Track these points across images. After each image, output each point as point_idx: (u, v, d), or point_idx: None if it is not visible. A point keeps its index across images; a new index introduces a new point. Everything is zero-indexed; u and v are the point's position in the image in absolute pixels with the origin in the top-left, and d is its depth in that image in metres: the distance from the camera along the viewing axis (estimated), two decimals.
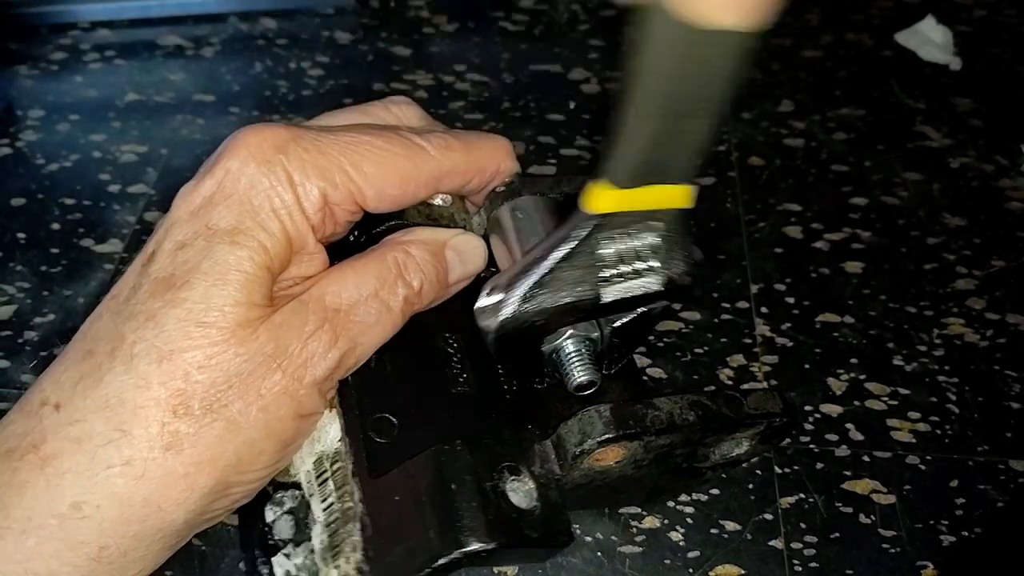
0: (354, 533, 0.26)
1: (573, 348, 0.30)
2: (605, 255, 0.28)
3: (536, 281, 0.27)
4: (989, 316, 0.51)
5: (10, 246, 0.53)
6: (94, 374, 0.25)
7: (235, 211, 0.26)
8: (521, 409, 0.30)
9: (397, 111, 0.32)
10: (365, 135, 0.28)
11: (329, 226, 0.28)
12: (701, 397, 0.30)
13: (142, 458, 0.24)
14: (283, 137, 0.27)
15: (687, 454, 0.32)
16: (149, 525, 0.25)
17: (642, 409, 0.29)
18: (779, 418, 0.31)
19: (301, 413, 0.26)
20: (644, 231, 0.28)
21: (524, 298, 0.27)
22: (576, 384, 0.30)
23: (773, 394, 0.31)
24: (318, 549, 0.27)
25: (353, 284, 0.27)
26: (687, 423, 0.29)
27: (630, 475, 0.31)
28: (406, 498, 0.26)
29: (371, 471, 0.27)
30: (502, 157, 0.32)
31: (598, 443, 0.28)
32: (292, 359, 0.26)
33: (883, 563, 0.40)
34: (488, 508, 0.26)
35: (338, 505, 0.27)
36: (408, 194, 0.29)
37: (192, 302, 0.25)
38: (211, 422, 0.25)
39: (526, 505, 0.27)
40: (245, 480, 0.26)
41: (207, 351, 0.25)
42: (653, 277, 0.29)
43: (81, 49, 0.68)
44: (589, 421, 0.28)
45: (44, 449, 0.24)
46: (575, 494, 0.31)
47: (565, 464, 0.29)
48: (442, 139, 0.30)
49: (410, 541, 0.25)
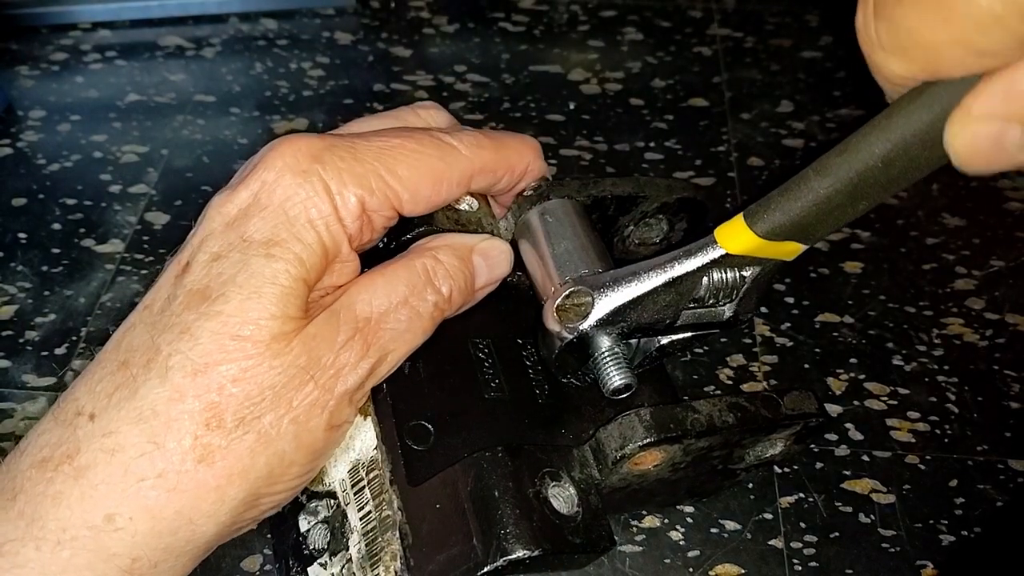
0: (393, 542, 0.26)
1: (609, 352, 0.30)
2: (705, 285, 0.28)
3: (634, 298, 0.27)
4: (988, 316, 0.51)
5: (11, 246, 0.54)
6: (129, 385, 0.25)
7: (271, 223, 0.26)
8: (554, 413, 0.30)
9: (426, 115, 0.32)
10: (397, 138, 0.28)
11: (367, 233, 0.28)
12: (739, 399, 0.30)
13: (175, 471, 0.24)
14: (318, 147, 0.27)
15: (724, 456, 0.32)
16: (180, 537, 0.25)
17: (681, 412, 0.29)
18: (815, 418, 0.31)
19: (332, 424, 0.26)
20: (747, 271, 0.28)
21: (616, 310, 0.27)
22: (613, 388, 0.29)
23: (809, 394, 0.31)
24: (356, 558, 0.27)
25: (383, 292, 0.27)
26: (726, 425, 0.29)
27: (667, 478, 0.31)
28: (447, 506, 0.26)
29: (409, 479, 0.27)
30: (531, 156, 0.32)
31: (639, 447, 0.28)
32: (324, 370, 0.26)
33: (883, 562, 0.41)
34: (532, 515, 0.26)
35: (376, 514, 0.27)
36: (442, 194, 0.29)
37: (227, 315, 0.25)
38: (243, 435, 0.25)
39: (568, 511, 0.27)
40: (275, 491, 0.26)
41: (242, 364, 0.25)
42: (724, 309, 0.29)
43: (82, 50, 0.68)
44: (629, 425, 0.28)
45: (78, 460, 0.24)
46: (611, 498, 0.31)
47: (604, 469, 0.28)
48: (472, 137, 0.30)
49: (452, 549, 0.25)
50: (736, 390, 0.47)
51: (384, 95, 0.64)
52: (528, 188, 0.33)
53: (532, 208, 0.32)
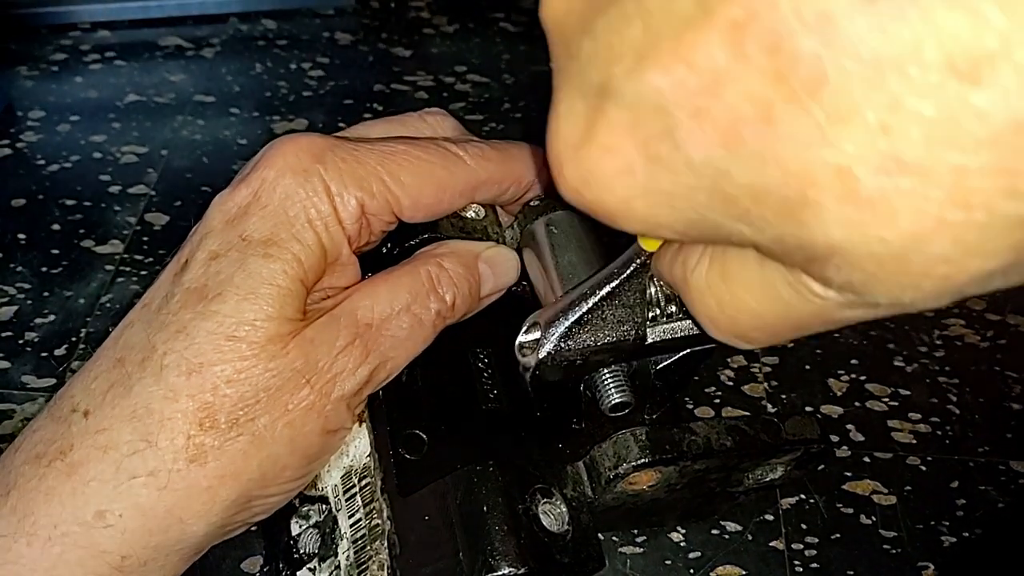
0: (381, 551, 0.26)
1: (608, 368, 0.29)
2: (653, 294, 0.27)
3: (577, 319, 0.27)
4: (989, 317, 0.51)
5: (10, 247, 0.53)
6: (124, 383, 0.25)
7: (270, 222, 0.26)
8: (552, 427, 0.30)
9: (433, 122, 0.32)
10: (401, 144, 0.28)
11: (365, 236, 0.28)
12: (738, 422, 0.30)
13: (166, 469, 0.24)
14: (320, 147, 0.27)
15: (721, 479, 0.31)
16: (170, 536, 0.25)
17: (679, 434, 0.28)
18: (816, 444, 0.31)
19: (328, 429, 0.26)
20: None
21: (564, 336, 0.27)
22: (611, 405, 0.29)
23: (811, 420, 0.31)
24: (344, 566, 0.27)
25: (385, 298, 0.27)
26: (724, 448, 0.29)
27: (662, 499, 0.31)
28: (436, 518, 0.26)
29: (401, 488, 0.26)
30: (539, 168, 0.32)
31: (633, 467, 0.28)
32: (321, 374, 0.26)
33: (884, 564, 0.40)
34: (520, 532, 0.25)
35: (366, 522, 0.27)
36: (444, 203, 0.29)
37: (223, 315, 0.25)
38: (236, 436, 0.25)
39: (557, 529, 0.26)
40: (268, 494, 0.26)
41: (236, 365, 0.25)
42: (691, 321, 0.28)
43: (81, 50, 0.68)
44: (624, 444, 0.28)
45: (71, 456, 0.24)
46: (605, 516, 0.31)
47: (598, 487, 0.28)
48: (478, 148, 0.30)
49: (439, 563, 0.25)
50: (736, 391, 0.46)
51: (384, 95, 0.64)
52: (535, 198, 0.32)
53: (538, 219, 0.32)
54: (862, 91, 0.13)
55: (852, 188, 0.13)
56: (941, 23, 0.12)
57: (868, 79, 0.12)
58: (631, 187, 0.16)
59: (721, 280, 0.18)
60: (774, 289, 0.17)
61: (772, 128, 0.14)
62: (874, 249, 0.14)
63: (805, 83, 0.13)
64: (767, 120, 0.14)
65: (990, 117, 0.12)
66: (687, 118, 0.14)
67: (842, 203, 0.13)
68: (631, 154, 0.16)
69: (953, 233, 0.13)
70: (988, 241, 0.13)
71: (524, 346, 0.27)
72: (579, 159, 0.17)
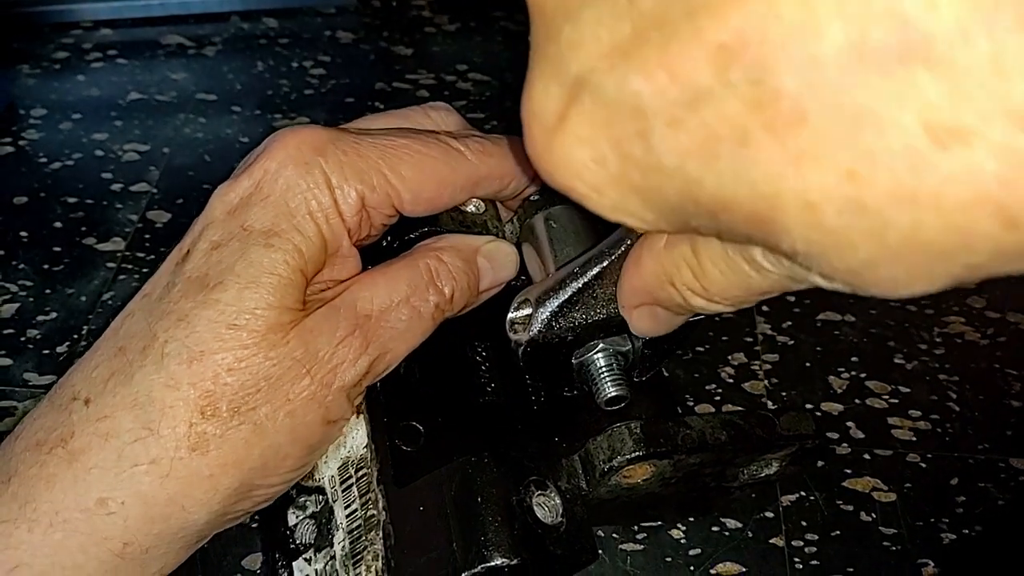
0: (376, 542, 0.26)
1: (604, 362, 0.29)
2: None
3: (568, 298, 0.27)
4: (989, 314, 0.51)
5: (13, 244, 0.54)
6: (125, 371, 0.25)
7: (271, 212, 0.26)
8: (549, 420, 0.30)
9: (436, 116, 0.32)
10: (403, 138, 0.28)
11: (365, 229, 0.28)
12: (733, 417, 0.30)
13: (168, 457, 0.25)
14: (322, 139, 0.27)
15: (716, 473, 0.31)
16: (171, 524, 0.25)
17: (673, 427, 0.29)
18: (811, 440, 0.31)
19: (328, 419, 0.26)
20: None
21: (555, 314, 0.27)
22: (606, 399, 0.29)
23: (806, 416, 0.31)
24: (339, 556, 0.27)
25: (385, 290, 0.27)
26: (719, 443, 0.29)
27: (657, 492, 0.31)
28: (431, 509, 0.26)
29: (396, 479, 0.27)
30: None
31: (627, 460, 0.28)
32: (322, 364, 0.26)
33: (884, 561, 0.41)
34: (513, 523, 0.25)
35: (361, 512, 0.27)
36: (445, 197, 0.29)
37: (224, 304, 0.25)
38: (238, 425, 0.25)
39: (551, 521, 0.27)
40: (269, 483, 0.26)
41: (237, 354, 0.25)
42: None
43: (83, 48, 0.68)
44: (619, 438, 0.28)
45: (72, 443, 0.25)
46: (600, 510, 0.31)
47: (592, 480, 0.28)
48: (479, 143, 0.30)
49: (433, 553, 0.25)
50: (737, 388, 0.47)
51: (385, 94, 0.64)
52: (535, 193, 0.33)
53: (537, 213, 0.32)
54: (838, 138, 0.13)
55: (817, 219, 0.14)
56: (924, 89, 0.12)
57: (846, 128, 0.13)
58: (602, 177, 0.17)
59: (692, 254, 0.19)
60: (737, 264, 0.18)
61: (746, 151, 0.14)
62: (834, 264, 0.15)
63: (784, 118, 0.13)
64: (742, 143, 0.14)
65: (955, 186, 0.12)
66: (663, 125, 0.15)
67: (807, 228, 0.14)
68: (604, 148, 0.16)
69: (906, 265, 0.14)
70: (934, 271, 0.14)
71: (515, 322, 0.28)
72: (553, 145, 0.17)
